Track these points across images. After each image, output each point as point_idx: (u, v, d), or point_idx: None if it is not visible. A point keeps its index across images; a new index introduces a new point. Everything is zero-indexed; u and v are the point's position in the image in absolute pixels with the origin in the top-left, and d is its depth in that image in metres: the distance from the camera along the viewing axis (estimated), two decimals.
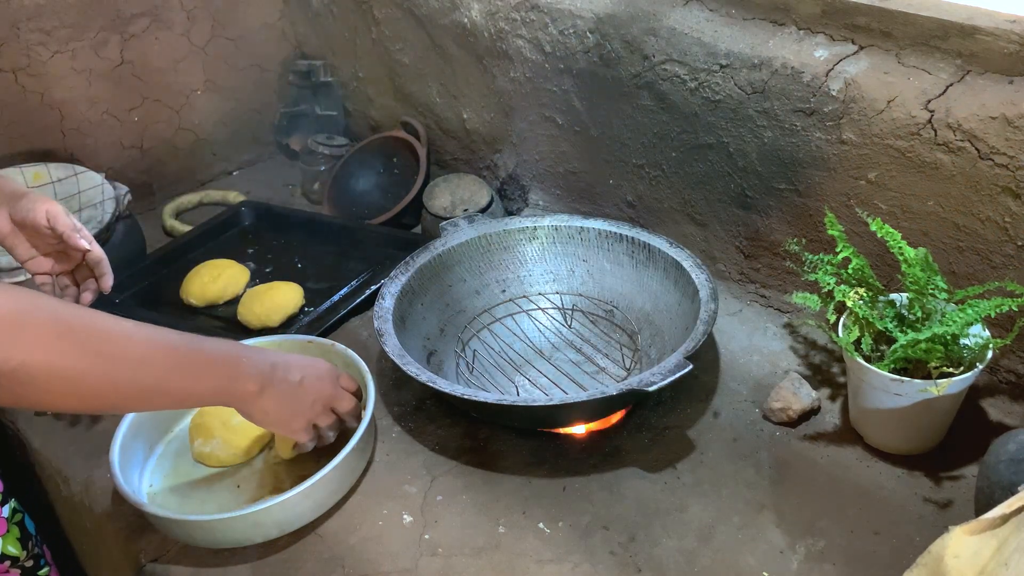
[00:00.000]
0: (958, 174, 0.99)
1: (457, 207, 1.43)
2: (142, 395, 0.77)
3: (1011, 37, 0.94)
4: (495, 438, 1.07)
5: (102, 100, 1.57)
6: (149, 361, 0.75)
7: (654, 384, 0.94)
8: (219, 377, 0.81)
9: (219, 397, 0.83)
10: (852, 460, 1.00)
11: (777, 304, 1.25)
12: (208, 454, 1.05)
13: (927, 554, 0.68)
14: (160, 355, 0.77)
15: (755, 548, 0.91)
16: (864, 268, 0.99)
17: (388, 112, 1.71)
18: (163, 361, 0.77)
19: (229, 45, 1.72)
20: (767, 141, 1.14)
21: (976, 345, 0.94)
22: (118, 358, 0.73)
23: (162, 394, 0.79)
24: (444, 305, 1.24)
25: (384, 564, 0.92)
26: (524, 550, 0.93)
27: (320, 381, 0.92)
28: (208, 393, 0.82)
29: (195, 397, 0.83)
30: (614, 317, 1.25)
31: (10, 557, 1.11)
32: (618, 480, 1.00)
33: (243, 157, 1.83)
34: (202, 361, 0.80)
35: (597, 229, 1.26)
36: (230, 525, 0.92)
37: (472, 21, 1.42)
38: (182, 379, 0.79)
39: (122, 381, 0.74)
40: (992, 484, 0.82)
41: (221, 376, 0.82)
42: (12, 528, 1.12)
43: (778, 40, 1.11)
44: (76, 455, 1.10)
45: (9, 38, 1.43)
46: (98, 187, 1.46)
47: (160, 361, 0.76)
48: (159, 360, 0.76)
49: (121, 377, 0.74)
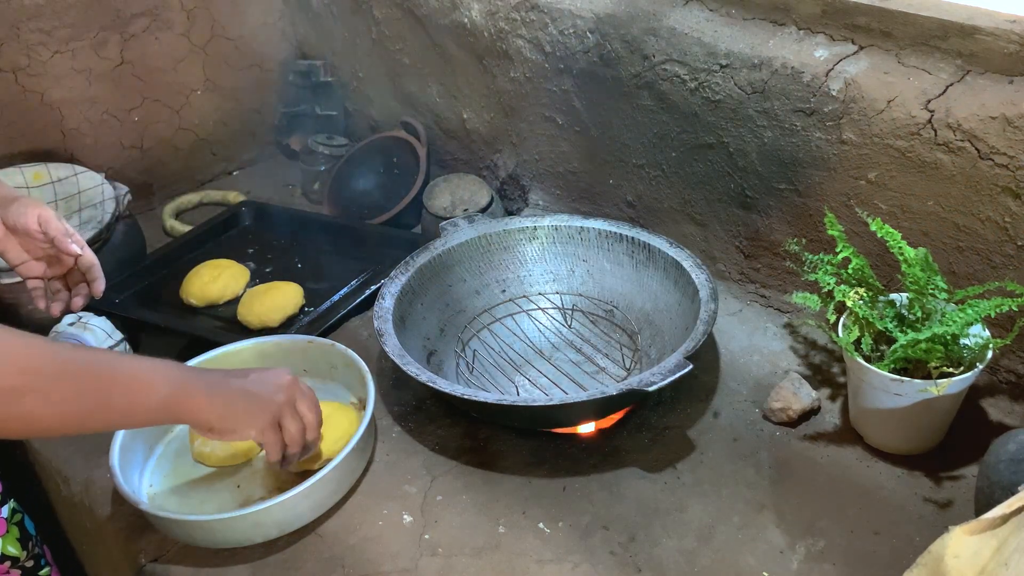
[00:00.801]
0: (958, 174, 0.99)
1: (457, 207, 1.43)
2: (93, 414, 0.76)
3: (1011, 37, 0.94)
4: (495, 438, 1.07)
5: (102, 100, 1.57)
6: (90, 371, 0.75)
7: (654, 384, 0.94)
8: (166, 386, 0.79)
9: (168, 410, 0.80)
10: (852, 460, 1.00)
11: (777, 304, 1.25)
12: (208, 454, 1.05)
13: (927, 554, 0.68)
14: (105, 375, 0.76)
15: (755, 548, 0.91)
16: (864, 268, 0.99)
17: (388, 112, 1.71)
18: (108, 379, 0.76)
19: (229, 45, 1.72)
20: (767, 141, 1.14)
21: (976, 345, 0.94)
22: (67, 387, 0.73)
23: (109, 410, 0.77)
24: (444, 305, 1.24)
25: (384, 564, 0.92)
26: (524, 550, 0.93)
27: (276, 376, 0.88)
28: (156, 406, 0.79)
29: (143, 414, 0.80)
30: (614, 317, 1.25)
31: (10, 557, 1.11)
32: (618, 480, 1.00)
33: (243, 157, 1.83)
34: (145, 375, 0.79)
35: (597, 229, 1.26)
36: (230, 525, 0.92)
37: (472, 21, 1.42)
38: (125, 395, 0.77)
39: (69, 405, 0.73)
40: (992, 484, 0.82)
41: (167, 385, 0.80)
42: (12, 528, 1.12)
43: (778, 40, 1.11)
44: (76, 455, 1.10)
45: (9, 38, 1.43)
46: (98, 187, 1.46)
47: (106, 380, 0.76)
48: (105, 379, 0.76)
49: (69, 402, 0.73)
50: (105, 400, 0.76)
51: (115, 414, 0.78)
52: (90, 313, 1.23)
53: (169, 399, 0.79)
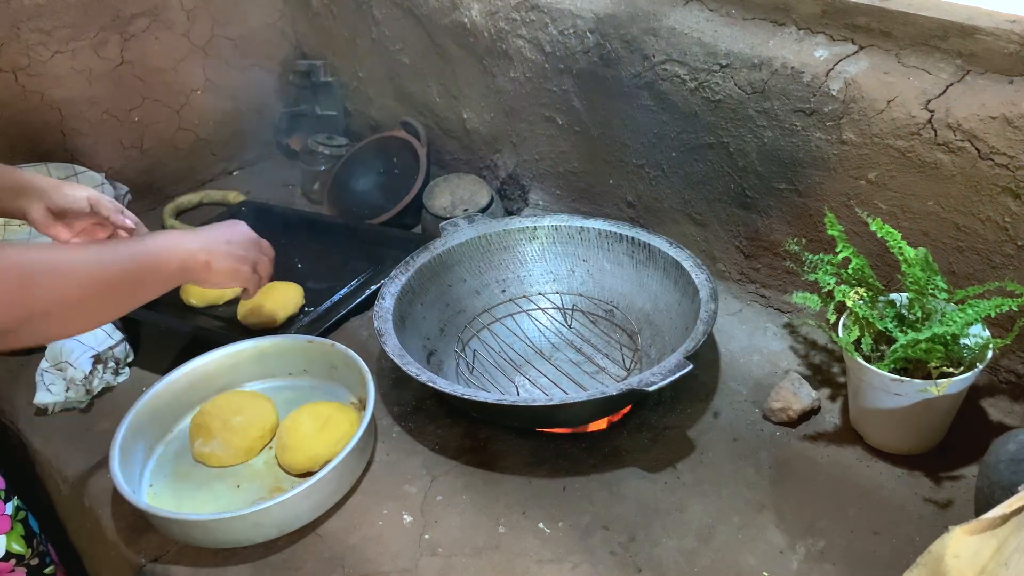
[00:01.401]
0: (958, 174, 0.99)
1: (457, 207, 1.43)
2: (132, 296, 0.91)
3: (1011, 37, 0.94)
4: (495, 438, 1.07)
5: (102, 100, 1.57)
6: (123, 272, 0.89)
7: (654, 384, 0.94)
8: (176, 258, 0.95)
9: (184, 274, 0.97)
10: (852, 460, 1.00)
11: (777, 304, 1.25)
12: (208, 454, 1.05)
13: (927, 554, 0.68)
14: (131, 265, 0.90)
15: (755, 548, 0.91)
16: (864, 268, 0.99)
17: (388, 112, 1.71)
18: (135, 269, 0.91)
19: (229, 45, 1.72)
20: (767, 141, 1.14)
21: (976, 345, 0.94)
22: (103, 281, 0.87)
23: (144, 288, 0.92)
24: (444, 305, 1.24)
25: (384, 564, 0.92)
26: (524, 550, 0.93)
27: (242, 234, 1.07)
28: (173, 273, 0.95)
29: (168, 281, 0.95)
30: (614, 317, 1.25)
31: (15, 555, 1.11)
32: (618, 480, 1.00)
33: (243, 157, 1.83)
34: (159, 253, 0.94)
35: (597, 229, 1.26)
36: (230, 525, 0.92)
37: (472, 21, 1.42)
38: (154, 273, 0.93)
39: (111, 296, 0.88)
40: (992, 484, 0.82)
41: (176, 258, 0.95)
42: (16, 525, 1.12)
43: (778, 40, 1.11)
44: (76, 455, 1.11)
45: (9, 38, 1.43)
46: (98, 187, 1.46)
47: (133, 269, 0.90)
48: (131, 269, 0.90)
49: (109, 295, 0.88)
50: (133, 292, 0.91)
51: (138, 299, 0.93)
52: None
53: (180, 271, 0.96)
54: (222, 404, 1.09)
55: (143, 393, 1.08)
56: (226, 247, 1.02)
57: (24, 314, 0.77)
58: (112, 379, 1.20)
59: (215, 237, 1.03)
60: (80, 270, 0.83)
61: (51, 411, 1.17)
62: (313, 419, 1.04)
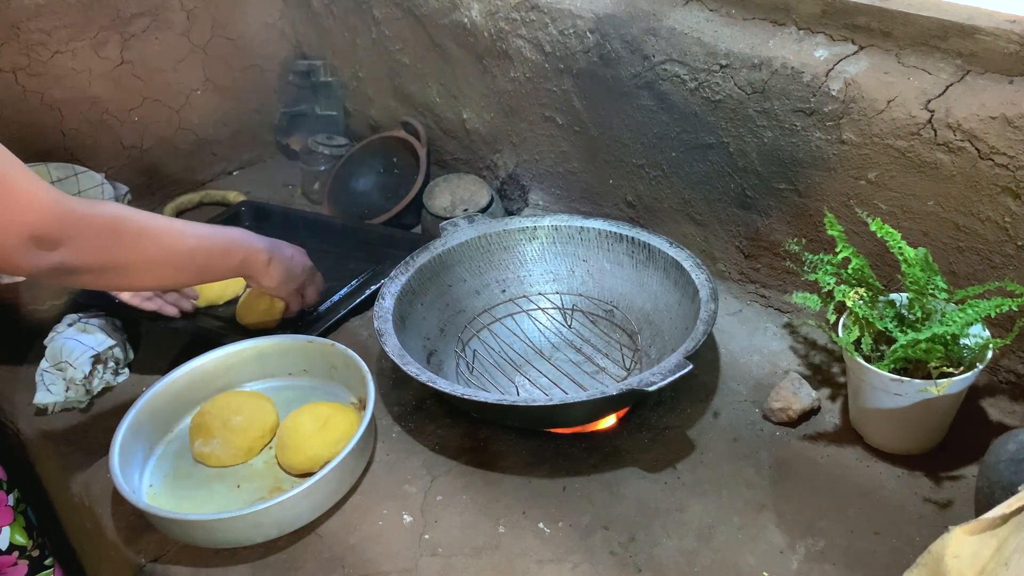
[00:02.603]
0: (958, 174, 0.99)
1: (457, 207, 1.43)
2: (198, 273, 1.04)
3: (1011, 37, 0.94)
4: (495, 438, 1.07)
5: (102, 100, 1.57)
6: (197, 249, 1.00)
7: (654, 384, 0.94)
8: (243, 251, 1.06)
9: (244, 267, 1.07)
10: (852, 460, 1.00)
11: (777, 304, 1.25)
12: (208, 454, 1.05)
13: (927, 554, 0.68)
14: (206, 245, 1.02)
15: (755, 548, 0.91)
16: (864, 268, 0.99)
17: (388, 112, 1.71)
18: (208, 248, 1.02)
19: (229, 45, 1.72)
20: (767, 141, 1.14)
21: (976, 345, 0.94)
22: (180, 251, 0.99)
23: (209, 269, 1.04)
24: (444, 305, 1.24)
25: (384, 564, 0.92)
26: (524, 550, 0.93)
27: (304, 257, 1.20)
28: (236, 264, 1.06)
29: (229, 269, 1.06)
30: (614, 317, 1.25)
31: (18, 547, 1.11)
32: (618, 480, 1.00)
33: (243, 157, 1.83)
34: (230, 243, 1.05)
35: (597, 229, 1.26)
36: (230, 525, 0.92)
37: (472, 21, 1.42)
38: (222, 258, 1.04)
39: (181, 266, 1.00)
40: (992, 484, 0.82)
41: (243, 251, 1.06)
42: (18, 517, 1.12)
43: (778, 40, 1.11)
44: (76, 455, 1.11)
45: (9, 38, 1.43)
46: (98, 187, 1.46)
47: (207, 248, 1.02)
48: (205, 248, 1.02)
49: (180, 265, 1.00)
50: (200, 270, 1.03)
51: (203, 277, 1.07)
52: (91, 312, 1.23)
53: (241, 263, 1.06)
54: (222, 404, 1.09)
55: (143, 393, 1.08)
56: (288, 260, 1.13)
57: (109, 260, 0.89)
58: (112, 379, 1.20)
59: (282, 247, 1.13)
60: (165, 237, 0.95)
61: (51, 411, 1.17)
62: (313, 419, 1.04)
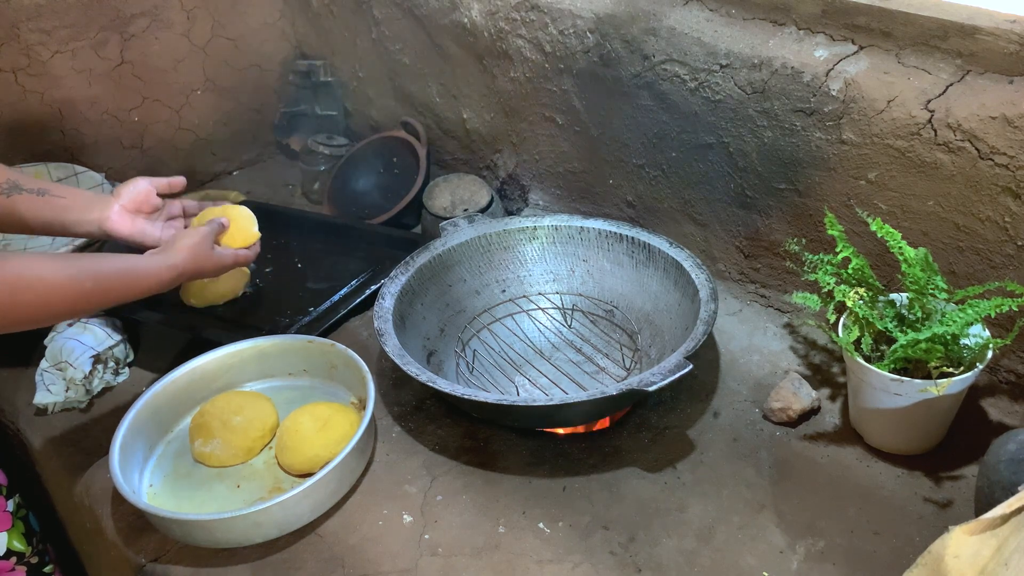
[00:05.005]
0: (958, 174, 0.99)
1: (457, 207, 1.43)
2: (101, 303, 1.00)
3: (1011, 37, 0.94)
4: (495, 438, 1.07)
5: (102, 100, 1.57)
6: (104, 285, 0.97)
7: (654, 384, 0.94)
8: (153, 283, 1.03)
9: (156, 291, 1.04)
10: (852, 460, 1.00)
11: (777, 304, 1.25)
12: (208, 454, 1.05)
13: (927, 554, 0.68)
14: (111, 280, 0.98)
15: (755, 548, 0.91)
16: (864, 268, 0.99)
17: (388, 112, 1.71)
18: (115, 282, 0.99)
19: (229, 45, 1.72)
20: (767, 141, 1.14)
21: (976, 345, 0.94)
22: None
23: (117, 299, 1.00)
24: (444, 305, 1.24)
25: (384, 564, 0.92)
26: (524, 550, 0.93)
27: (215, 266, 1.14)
28: (147, 292, 1.03)
29: (139, 297, 1.03)
30: (614, 317, 1.25)
31: (16, 553, 1.11)
32: (618, 480, 1.00)
33: (243, 157, 1.83)
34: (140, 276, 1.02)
35: (597, 229, 1.26)
36: (230, 525, 0.92)
37: (472, 21, 1.42)
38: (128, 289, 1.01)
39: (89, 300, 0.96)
40: (992, 484, 0.82)
41: (154, 282, 1.03)
42: (17, 523, 1.12)
43: (778, 40, 1.11)
44: (76, 455, 1.11)
45: (9, 38, 1.43)
46: (98, 187, 1.46)
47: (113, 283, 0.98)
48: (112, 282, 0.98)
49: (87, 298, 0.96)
50: (107, 302, 1.00)
51: (112, 304, 1.02)
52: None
53: (169, 284, 1.05)
54: (222, 404, 1.09)
55: (143, 393, 1.08)
56: (194, 273, 1.11)
57: (10, 323, 0.88)
58: (112, 379, 1.20)
59: (190, 268, 1.09)
60: (65, 285, 0.91)
61: (51, 411, 1.17)
62: (313, 419, 1.04)
